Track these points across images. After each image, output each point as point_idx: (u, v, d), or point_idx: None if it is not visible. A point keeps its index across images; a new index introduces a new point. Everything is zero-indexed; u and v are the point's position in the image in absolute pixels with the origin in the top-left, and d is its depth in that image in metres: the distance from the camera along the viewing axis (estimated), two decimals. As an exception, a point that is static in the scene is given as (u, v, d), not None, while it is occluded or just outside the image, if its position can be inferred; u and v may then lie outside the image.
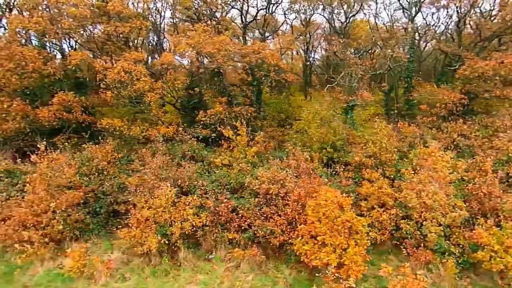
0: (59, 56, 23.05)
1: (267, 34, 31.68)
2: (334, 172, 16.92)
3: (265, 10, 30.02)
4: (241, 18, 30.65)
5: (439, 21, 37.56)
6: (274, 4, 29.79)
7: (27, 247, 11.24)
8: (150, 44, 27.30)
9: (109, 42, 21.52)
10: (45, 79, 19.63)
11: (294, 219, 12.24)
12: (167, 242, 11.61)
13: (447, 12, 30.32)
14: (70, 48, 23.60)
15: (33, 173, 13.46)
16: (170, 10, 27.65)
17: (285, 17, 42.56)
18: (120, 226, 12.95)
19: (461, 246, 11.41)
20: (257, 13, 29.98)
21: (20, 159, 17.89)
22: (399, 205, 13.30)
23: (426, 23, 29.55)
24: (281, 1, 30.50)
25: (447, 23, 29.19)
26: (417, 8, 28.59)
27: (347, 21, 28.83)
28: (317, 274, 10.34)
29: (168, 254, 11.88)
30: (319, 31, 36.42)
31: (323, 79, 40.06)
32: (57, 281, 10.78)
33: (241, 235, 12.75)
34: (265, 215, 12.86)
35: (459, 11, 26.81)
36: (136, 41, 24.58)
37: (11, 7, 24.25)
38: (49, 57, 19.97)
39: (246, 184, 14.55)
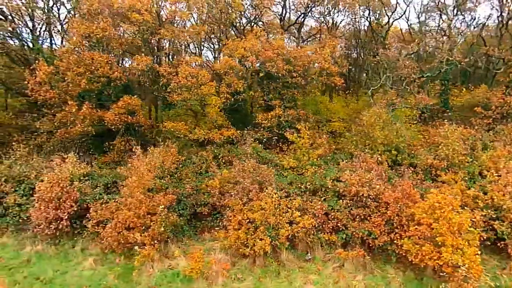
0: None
1: (300, 38, 32.07)
2: (401, 174, 17.25)
3: (303, 14, 30.44)
4: (280, 21, 31.11)
5: (466, 24, 38.01)
6: (311, 8, 30.18)
7: (145, 248, 11.54)
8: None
9: (168, 47, 21.86)
10: (111, 83, 19.98)
11: (392, 220, 12.57)
12: (277, 243, 11.92)
13: (473, 15, 30.89)
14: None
15: (129, 177, 13.80)
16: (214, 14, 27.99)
17: (320, 22, 42.54)
18: (218, 228, 13.30)
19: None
20: (298, 17, 30.45)
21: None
22: (486, 206, 13.64)
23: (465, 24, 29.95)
24: (317, 5, 30.85)
25: (474, 26, 29.75)
26: (455, 11, 29.12)
27: (389, 24, 29.24)
28: (438, 275, 10.61)
29: (272, 255, 12.19)
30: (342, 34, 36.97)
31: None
32: (176, 282, 11.08)
33: (336, 236, 13.10)
34: (359, 217, 13.20)
35: (501, 14, 27.33)
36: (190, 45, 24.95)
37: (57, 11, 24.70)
38: (113, 62, 20.30)
39: (329, 186, 14.90)
